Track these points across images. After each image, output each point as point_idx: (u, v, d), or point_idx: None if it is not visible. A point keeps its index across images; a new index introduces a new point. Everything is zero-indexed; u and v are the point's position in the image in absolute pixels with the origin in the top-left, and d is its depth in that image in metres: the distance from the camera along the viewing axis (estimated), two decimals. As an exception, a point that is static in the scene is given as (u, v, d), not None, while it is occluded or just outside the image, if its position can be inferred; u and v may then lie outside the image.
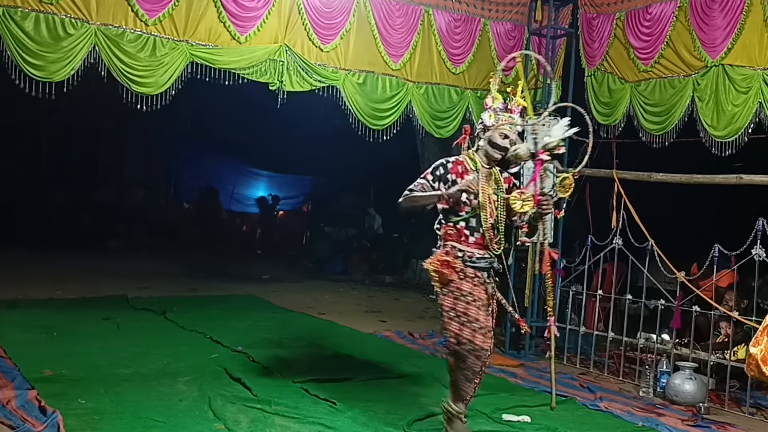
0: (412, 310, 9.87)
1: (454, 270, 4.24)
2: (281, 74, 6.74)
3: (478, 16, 7.66)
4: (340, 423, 4.71)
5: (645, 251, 6.40)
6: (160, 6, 6.16)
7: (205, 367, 5.94)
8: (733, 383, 5.98)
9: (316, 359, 6.50)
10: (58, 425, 4.20)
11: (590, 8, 7.46)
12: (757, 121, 6.05)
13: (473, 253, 4.28)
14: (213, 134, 17.18)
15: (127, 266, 11.86)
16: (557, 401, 5.58)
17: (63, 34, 5.84)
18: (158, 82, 6.24)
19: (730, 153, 6.26)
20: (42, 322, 7.22)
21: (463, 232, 4.29)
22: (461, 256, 4.27)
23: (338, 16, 6.95)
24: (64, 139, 16.16)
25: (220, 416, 4.65)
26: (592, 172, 7.37)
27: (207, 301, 9.37)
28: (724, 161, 6.35)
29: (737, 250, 5.77)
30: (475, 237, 4.29)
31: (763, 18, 5.97)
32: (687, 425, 5.24)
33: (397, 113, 7.41)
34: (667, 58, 6.73)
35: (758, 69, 6.02)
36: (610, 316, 7.13)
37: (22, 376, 5.19)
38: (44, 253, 12.32)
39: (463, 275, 4.25)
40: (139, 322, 7.64)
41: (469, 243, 4.29)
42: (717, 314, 6.10)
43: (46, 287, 9.24)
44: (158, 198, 18.08)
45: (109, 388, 5.12)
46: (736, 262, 5.96)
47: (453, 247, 4.28)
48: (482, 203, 4.26)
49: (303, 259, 14.60)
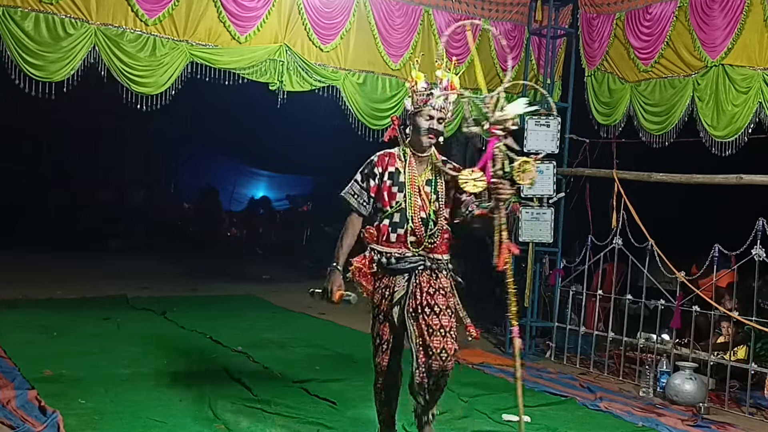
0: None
1: (370, 277, 3.88)
2: (281, 74, 6.74)
3: (478, 16, 7.66)
4: (340, 423, 4.71)
5: (645, 251, 6.40)
6: (160, 6, 6.17)
7: (205, 367, 5.94)
8: (733, 383, 5.98)
9: (316, 359, 6.50)
10: (58, 425, 4.20)
11: (590, 8, 7.46)
12: (757, 121, 6.06)
13: (392, 254, 3.82)
14: (213, 134, 17.19)
15: (127, 266, 11.85)
16: (557, 401, 5.62)
17: (63, 34, 5.84)
18: (158, 82, 6.24)
19: (730, 153, 6.26)
20: (42, 322, 7.22)
21: (385, 231, 3.85)
22: (378, 259, 3.85)
23: (338, 16, 6.96)
24: (64, 139, 16.17)
25: (220, 416, 4.65)
26: (592, 172, 7.37)
27: (207, 301, 9.37)
28: (724, 161, 6.35)
29: (737, 250, 5.77)
30: (397, 233, 3.83)
31: (763, 18, 5.97)
32: (687, 425, 5.24)
33: (396, 113, 7.40)
34: (667, 58, 6.73)
35: (758, 69, 6.02)
36: (610, 316, 7.13)
37: (22, 376, 5.19)
38: (44, 253, 12.31)
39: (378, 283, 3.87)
40: (139, 322, 7.64)
41: (391, 242, 3.84)
42: (717, 314, 6.10)
43: (46, 287, 9.23)
44: (158, 198, 18.08)
45: (109, 388, 5.12)
46: (736, 262, 5.96)
47: (372, 250, 3.87)
48: (409, 195, 3.83)
49: (303, 259, 14.60)
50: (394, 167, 3.90)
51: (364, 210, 3.92)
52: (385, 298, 3.85)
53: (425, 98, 3.87)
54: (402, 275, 3.83)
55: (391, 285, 3.84)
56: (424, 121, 3.85)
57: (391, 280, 3.84)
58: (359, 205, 3.92)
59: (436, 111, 3.84)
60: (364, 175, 3.95)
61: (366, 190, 3.91)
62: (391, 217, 3.84)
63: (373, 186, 3.90)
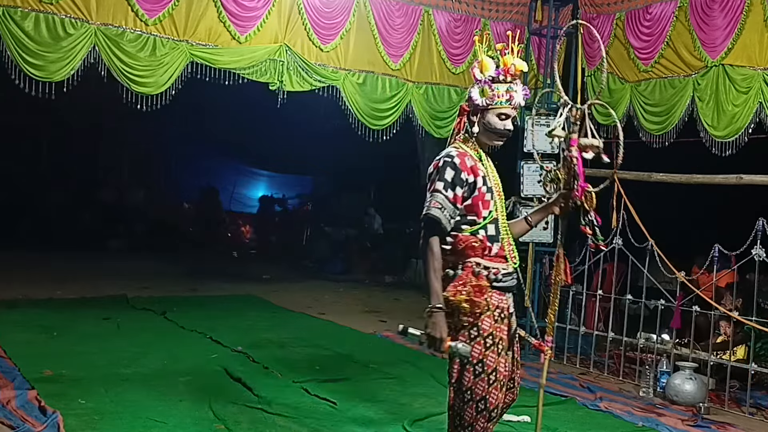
0: (412, 310, 9.86)
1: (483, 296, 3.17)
2: (281, 74, 6.75)
3: (478, 16, 7.67)
4: (340, 423, 4.71)
5: (645, 251, 6.40)
6: (160, 6, 6.17)
7: (205, 367, 5.93)
8: (733, 383, 5.98)
9: (316, 359, 6.50)
10: (58, 425, 4.20)
11: (590, 8, 7.47)
12: (757, 121, 6.06)
13: (498, 269, 3.23)
14: (213, 134, 17.21)
15: (127, 266, 11.85)
16: (557, 401, 5.62)
17: (63, 34, 5.85)
18: (158, 82, 6.25)
19: (730, 153, 6.27)
20: (42, 322, 7.22)
21: (486, 243, 3.23)
22: (486, 274, 3.20)
23: (338, 16, 6.97)
24: (64, 139, 16.17)
25: (220, 416, 4.64)
26: (592, 172, 7.28)
27: (207, 301, 9.37)
28: (724, 161, 6.35)
29: (737, 250, 5.78)
30: (496, 247, 3.26)
31: (763, 18, 5.97)
32: (687, 425, 5.24)
33: (396, 113, 7.41)
34: (667, 58, 6.74)
35: (758, 69, 6.03)
36: (610, 316, 7.13)
37: (22, 376, 5.19)
38: (44, 253, 12.31)
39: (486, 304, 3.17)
40: (139, 322, 7.64)
41: (492, 256, 3.24)
42: (717, 314, 6.10)
43: (46, 287, 9.23)
44: (158, 198, 18.08)
45: (109, 388, 5.11)
46: (736, 262, 5.96)
47: (477, 264, 3.19)
48: (499, 202, 3.31)
49: (303, 259, 14.61)
50: (481, 171, 3.27)
51: (449, 226, 3.21)
52: (498, 321, 3.19)
53: (506, 94, 3.27)
54: (509, 295, 3.29)
55: (503, 307, 3.24)
56: (499, 121, 3.29)
57: (501, 300, 3.24)
58: (447, 222, 3.19)
59: (512, 110, 3.30)
60: (449, 183, 3.19)
61: (453, 202, 3.19)
62: (485, 229, 3.25)
63: (459, 195, 3.19)
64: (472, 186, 3.22)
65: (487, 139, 3.31)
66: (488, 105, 3.26)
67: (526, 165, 7.27)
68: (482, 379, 3.13)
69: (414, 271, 12.47)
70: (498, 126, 3.27)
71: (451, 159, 3.23)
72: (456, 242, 3.19)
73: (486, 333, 3.14)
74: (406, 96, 7.45)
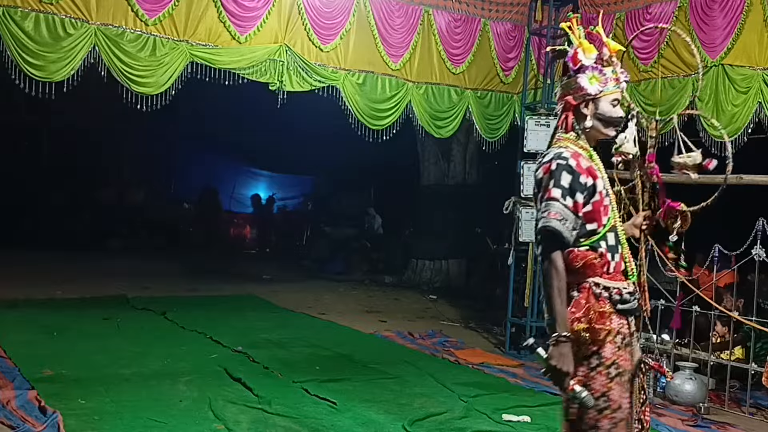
0: (412, 310, 9.86)
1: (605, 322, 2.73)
2: (281, 74, 6.75)
3: (478, 16, 7.67)
4: (340, 423, 4.71)
5: (645, 251, 6.39)
6: (160, 6, 6.17)
7: (205, 367, 5.94)
8: (733, 383, 5.98)
9: (316, 359, 6.50)
10: (58, 425, 4.20)
11: (590, 8, 7.47)
12: (756, 121, 6.06)
13: (620, 289, 2.77)
14: (213, 134, 17.19)
15: (127, 266, 11.85)
16: (557, 401, 5.60)
17: (63, 34, 5.85)
18: (158, 82, 6.25)
19: (729, 153, 6.25)
20: (42, 322, 7.22)
21: (607, 257, 2.77)
22: (608, 296, 2.75)
23: (338, 16, 6.97)
24: (65, 139, 16.16)
25: (220, 416, 4.65)
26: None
27: (207, 301, 9.37)
28: (723, 161, 6.33)
29: (737, 250, 5.77)
30: (617, 259, 2.81)
31: (763, 18, 5.98)
32: (687, 425, 5.24)
33: (396, 113, 7.41)
34: (667, 58, 6.74)
35: (758, 69, 6.04)
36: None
37: (22, 376, 5.19)
38: (44, 253, 12.31)
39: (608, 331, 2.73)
40: (139, 322, 7.64)
41: (611, 273, 2.78)
42: (717, 314, 6.09)
43: (46, 287, 9.23)
44: (158, 198, 18.08)
45: (109, 388, 5.12)
46: (736, 262, 5.95)
47: (596, 285, 2.74)
48: (613, 209, 2.87)
49: (303, 259, 14.61)
50: (598, 172, 2.86)
51: (571, 239, 2.73)
52: (621, 348, 2.75)
53: (614, 76, 2.86)
54: (631, 317, 2.83)
55: (624, 333, 2.77)
56: (612, 108, 2.88)
57: (622, 325, 2.77)
58: (570, 234, 2.72)
59: (621, 94, 2.92)
60: (566, 189, 2.72)
61: (574, 211, 2.73)
62: (605, 239, 2.79)
63: (580, 202, 2.74)
64: (591, 190, 2.77)
65: (601, 131, 2.90)
66: (601, 92, 2.84)
67: (526, 165, 7.27)
68: (606, 416, 2.69)
69: (414, 271, 12.46)
70: (613, 114, 2.88)
71: (566, 161, 2.75)
72: (571, 259, 2.71)
73: (609, 362, 2.71)
74: (406, 96, 7.45)
